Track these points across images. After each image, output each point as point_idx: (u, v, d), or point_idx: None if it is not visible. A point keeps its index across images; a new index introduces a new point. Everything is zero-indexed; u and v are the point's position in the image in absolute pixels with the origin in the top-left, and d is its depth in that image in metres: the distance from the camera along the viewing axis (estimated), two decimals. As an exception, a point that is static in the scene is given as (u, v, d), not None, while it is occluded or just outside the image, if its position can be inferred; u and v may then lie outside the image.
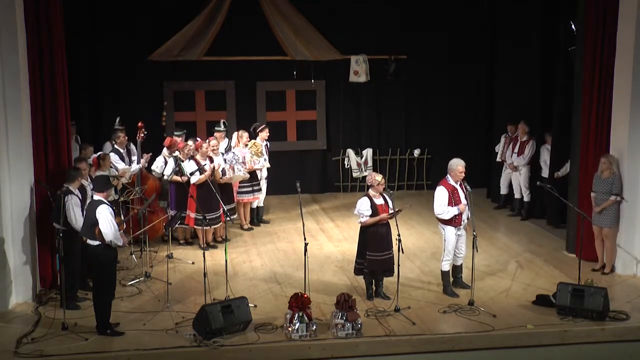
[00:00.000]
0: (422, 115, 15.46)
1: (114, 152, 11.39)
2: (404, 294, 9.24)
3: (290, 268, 10.51)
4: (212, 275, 9.50)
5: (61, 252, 8.48)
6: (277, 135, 14.58)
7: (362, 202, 9.14)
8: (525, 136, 13.03)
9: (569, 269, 10.29)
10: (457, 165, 9.25)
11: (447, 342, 8.19)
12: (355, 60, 14.95)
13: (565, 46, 12.05)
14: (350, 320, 8.13)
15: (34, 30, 9.07)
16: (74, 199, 8.76)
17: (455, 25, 15.00)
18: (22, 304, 9.06)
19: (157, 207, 11.23)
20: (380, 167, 15.30)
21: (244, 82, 14.74)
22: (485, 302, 9.08)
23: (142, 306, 9.02)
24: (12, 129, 8.91)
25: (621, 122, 10.10)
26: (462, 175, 9.26)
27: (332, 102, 15.26)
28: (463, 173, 9.27)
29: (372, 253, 9.07)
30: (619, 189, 9.99)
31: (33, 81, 9.12)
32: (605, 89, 10.30)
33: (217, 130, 12.40)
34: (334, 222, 13.16)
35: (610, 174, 9.99)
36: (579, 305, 8.57)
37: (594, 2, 10.31)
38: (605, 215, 10.03)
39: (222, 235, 11.49)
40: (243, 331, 8.25)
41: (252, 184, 12.33)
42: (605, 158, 10.03)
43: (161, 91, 14.43)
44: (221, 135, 12.34)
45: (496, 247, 11.50)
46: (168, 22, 13.90)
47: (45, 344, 7.87)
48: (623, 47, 9.98)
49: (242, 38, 14.37)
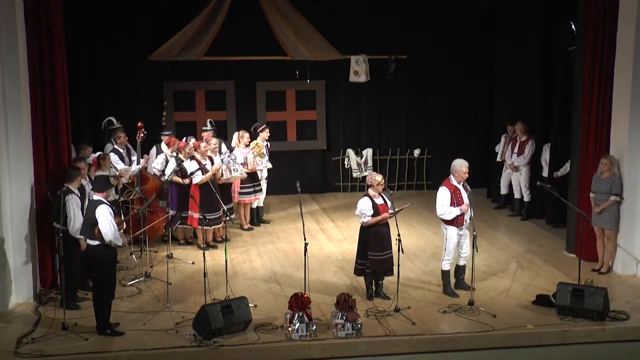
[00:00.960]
0: (422, 115, 15.47)
1: (114, 152, 11.38)
2: (404, 294, 9.24)
3: (290, 268, 10.51)
4: (212, 275, 9.49)
5: (61, 252, 8.49)
6: (277, 135, 14.58)
7: (364, 202, 9.13)
8: (524, 136, 13.03)
9: (569, 269, 10.29)
10: (460, 166, 9.24)
11: (447, 342, 8.18)
12: (355, 60, 14.96)
13: (565, 46, 12.05)
14: (350, 320, 8.13)
15: (34, 30, 9.06)
16: (75, 198, 8.76)
17: (455, 25, 15.00)
18: (22, 304, 9.05)
19: (157, 207, 11.23)
20: (380, 167, 15.31)
21: (244, 82, 14.75)
22: (485, 302, 9.08)
23: (142, 306, 9.02)
24: (12, 129, 8.91)
25: (621, 122, 10.09)
26: (465, 176, 9.26)
27: (332, 102, 15.27)
28: (467, 174, 9.27)
29: (374, 253, 9.08)
30: (619, 190, 9.99)
31: (33, 81, 9.11)
32: (605, 89, 10.30)
33: (204, 130, 12.32)
34: (334, 222, 13.16)
35: (611, 175, 9.98)
36: (579, 305, 8.57)
37: (594, 2, 10.30)
38: (606, 216, 10.02)
39: (222, 235, 11.49)
40: (243, 331, 8.25)
41: (254, 184, 12.33)
42: (606, 159, 10.02)
43: (161, 91, 14.43)
44: (209, 134, 12.28)
45: (496, 247, 11.50)
46: (168, 22, 13.90)
47: (45, 344, 7.87)
48: (623, 47, 9.97)
49: (242, 38, 14.37)
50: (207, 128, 12.41)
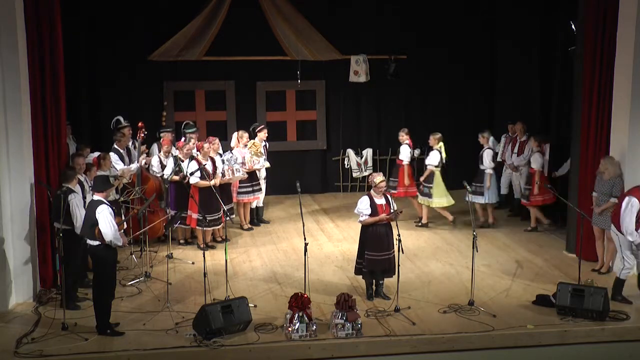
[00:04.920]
0: (422, 115, 15.46)
1: (113, 152, 11.37)
2: (404, 294, 9.24)
3: (290, 268, 10.51)
4: (212, 275, 9.49)
5: (61, 252, 8.49)
6: (277, 135, 14.59)
7: (362, 201, 9.14)
8: (524, 136, 13.02)
9: (569, 269, 10.29)
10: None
11: (447, 342, 8.18)
12: (355, 60, 14.96)
13: (565, 46, 12.05)
14: (350, 320, 8.13)
15: (34, 30, 9.06)
16: (77, 197, 8.76)
17: (455, 25, 15.00)
18: (22, 304, 9.06)
19: (157, 207, 11.23)
20: (381, 167, 15.30)
21: (244, 82, 14.75)
22: (485, 302, 9.08)
23: (142, 306, 9.02)
24: (12, 129, 8.91)
25: (621, 122, 10.09)
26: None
27: (332, 102, 15.27)
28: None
29: (370, 253, 9.07)
30: (619, 192, 9.94)
31: (33, 81, 9.11)
32: (605, 89, 10.30)
33: (191, 132, 12.00)
34: (334, 222, 13.15)
35: (612, 176, 9.92)
36: (579, 305, 8.57)
37: (594, 2, 10.30)
38: (606, 217, 10.00)
39: (222, 235, 11.49)
40: (243, 331, 8.25)
41: (252, 184, 12.33)
42: (604, 161, 10.00)
43: (161, 91, 14.43)
44: (197, 135, 12.14)
45: (496, 247, 11.50)
46: (168, 22, 13.90)
47: (45, 344, 7.87)
48: (623, 47, 9.97)
49: (242, 38, 14.38)
50: (193, 130, 12.18)
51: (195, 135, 12.04)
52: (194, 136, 11.90)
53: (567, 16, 11.94)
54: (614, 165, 9.94)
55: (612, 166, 9.91)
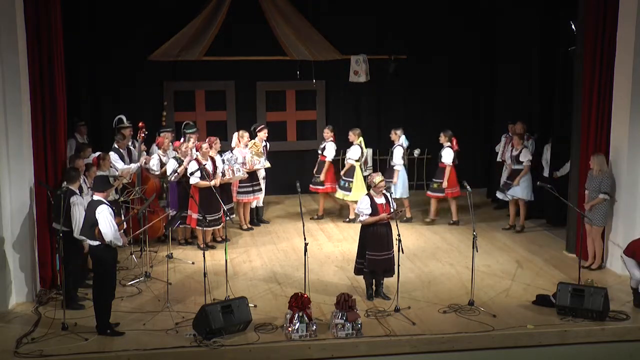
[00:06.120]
0: (422, 115, 15.45)
1: (114, 151, 11.37)
2: (404, 294, 9.24)
3: (290, 268, 10.51)
4: (212, 275, 9.49)
5: (61, 252, 8.49)
6: (277, 135, 14.58)
7: (362, 200, 9.15)
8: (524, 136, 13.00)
9: (569, 269, 10.30)
10: None
11: (447, 342, 8.19)
12: (355, 60, 14.94)
13: (565, 46, 12.05)
14: (350, 320, 8.14)
15: (34, 30, 9.07)
16: (79, 199, 8.75)
17: (455, 25, 14.99)
18: (22, 304, 9.06)
19: (157, 207, 11.23)
20: (381, 167, 15.28)
21: (244, 82, 14.75)
22: (485, 302, 9.09)
23: (142, 306, 9.02)
24: (12, 129, 8.92)
25: (621, 122, 10.10)
26: None
27: (332, 102, 15.26)
28: None
29: (371, 252, 9.08)
30: (608, 188, 9.99)
31: (33, 81, 9.12)
32: (605, 89, 10.30)
33: (191, 132, 12.02)
34: (334, 222, 13.15)
35: (600, 173, 10.01)
36: (579, 305, 8.58)
37: (594, 2, 10.31)
38: (594, 213, 10.06)
39: (222, 235, 11.49)
40: (243, 331, 8.25)
41: (252, 184, 12.33)
42: (593, 156, 10.10)
43: (161, 91, 14.43)
44: (196, 135, 12.14)
45: (496, 247, 11.50)
46: (168, 22, 13.89)
47: (45, 344, 7.88)
48: (623, 47, 9.98)
49: (242, 38, 14.37)
50: (193, 130, 12.18)
51: (195, 135, 12.04)
52: (194, 136, 11.90)
53: (567, 16, 11.94)
54: (600, 161, 10.04)
55: (598, 164, 10.03)
